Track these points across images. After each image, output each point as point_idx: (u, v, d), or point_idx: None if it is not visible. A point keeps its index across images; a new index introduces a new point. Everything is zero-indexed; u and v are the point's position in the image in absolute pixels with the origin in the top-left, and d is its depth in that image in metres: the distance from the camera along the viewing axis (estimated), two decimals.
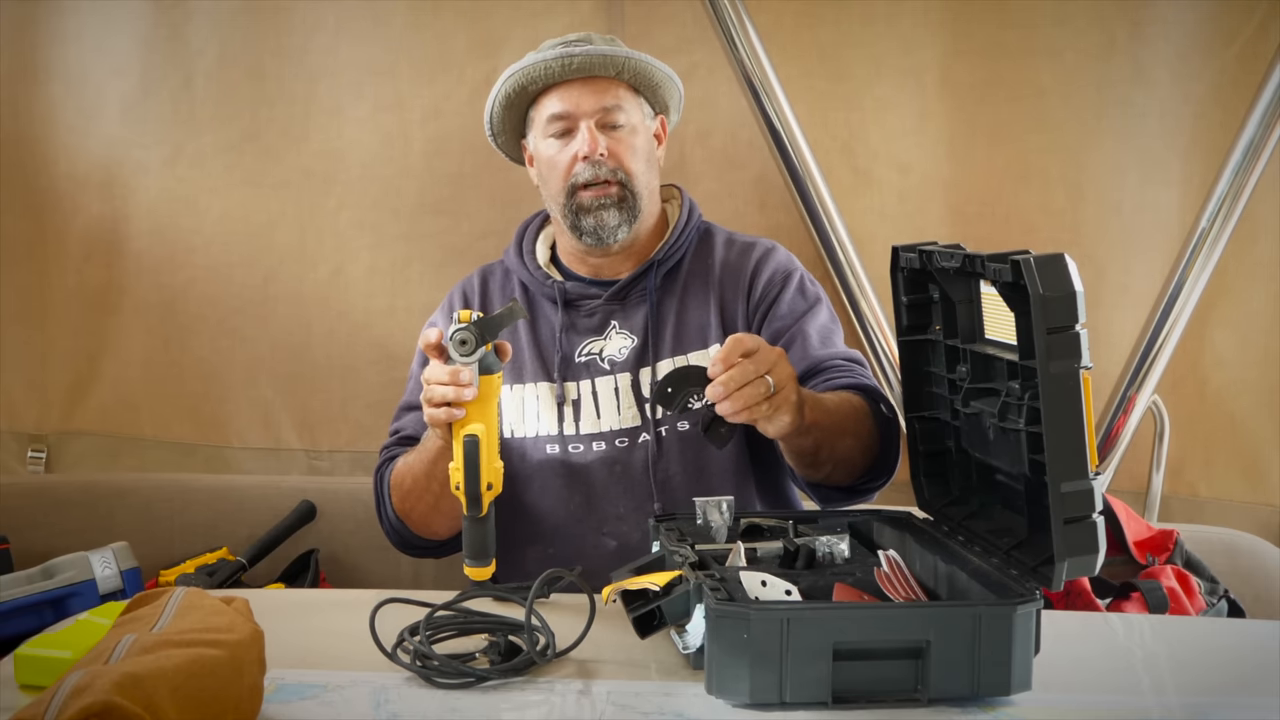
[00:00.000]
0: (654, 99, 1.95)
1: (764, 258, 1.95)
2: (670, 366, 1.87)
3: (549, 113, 1.89)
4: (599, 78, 1.88)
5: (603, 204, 1.86)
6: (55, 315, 2.45)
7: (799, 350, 1.84)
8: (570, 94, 1.87)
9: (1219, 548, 2.16)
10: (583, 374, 1.89)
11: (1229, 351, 2.35)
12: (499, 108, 1.94)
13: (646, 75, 1.90)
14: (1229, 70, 2.27)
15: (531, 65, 1.87)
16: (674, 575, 1.34)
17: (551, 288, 1.93)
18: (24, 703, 1.09)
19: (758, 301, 1.91)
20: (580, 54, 1.85)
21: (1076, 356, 1.22)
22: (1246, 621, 1.96)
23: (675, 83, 1.95)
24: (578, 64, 1.85)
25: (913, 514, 1.62)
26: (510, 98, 1.91)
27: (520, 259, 1.98)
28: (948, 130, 2.34)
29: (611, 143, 1.87)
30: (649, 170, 1.92)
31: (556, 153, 1.89)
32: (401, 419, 1.96)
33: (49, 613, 1.85)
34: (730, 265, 1.94)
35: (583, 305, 1.93)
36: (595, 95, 1.87)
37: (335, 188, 2.41)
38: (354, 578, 2.31)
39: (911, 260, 1.53)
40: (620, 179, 1.86)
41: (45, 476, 2.46)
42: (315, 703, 1.25)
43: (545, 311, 1.94)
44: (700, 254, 1.96)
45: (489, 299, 1.99)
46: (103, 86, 2.39)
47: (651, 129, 1.95)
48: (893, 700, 1.23)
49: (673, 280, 1.93)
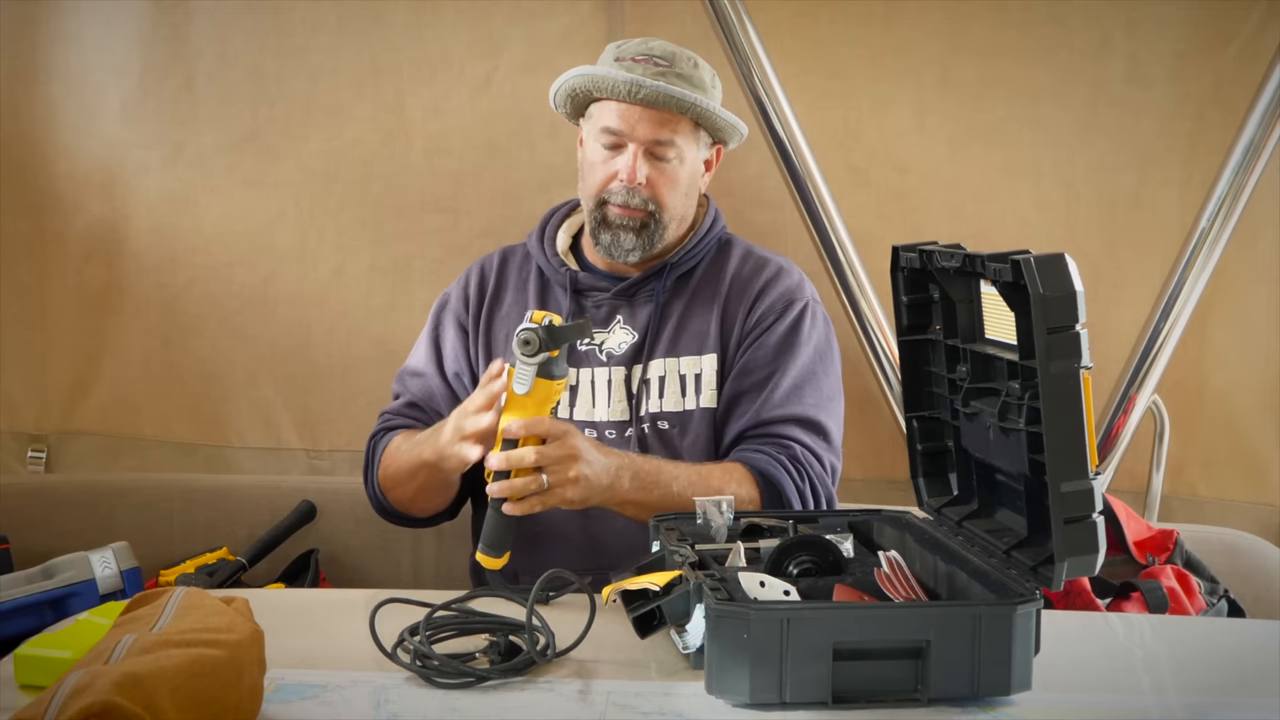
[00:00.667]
0: (714, 133, 1.94)
1: (773, 280, 1.94)
2: (662, 367, 1.89)
3: (603, 124, 1.88)
4: (663, 110, 1.85)
5: (625, 225, 1.87)
6: (55, 315, 2.45)
7: (755, 405, 1.84)
8: (630, 115, 1.85)
9: (1219, 548, 2.16)
10: (583, 362, 1.91)
11: (1229, 351, 2.35)
12: (563, 95, 1.94)
13: (710, 120, 1.89)
14: (1228, 70, 2.27)
15: (600, 79, 1.85)
16: (674, 575, 1.34)
17: (564, 275, 1.94)
18: (24, 703, 1.09)
19: (753, 325, 1.91)
20: (650, 88, 1.82)
21: (1077, 356, 1.22)
22: (1246, 621, 1.96)
23: (737, 129, 1.93)
24: (644, 96, 1.83)
25: (913, 514, 1.62)
26: (575, 92, 1.91)
27: (540, 244, 1.99)
28: (946, 129, 2.35)
29: (653, 173, 1.86)
30: (685, 202, 1.92)
31: (600, 161, 1.89)
32: (406, 382, 1.98)
33: (49, 613, 1.84)
34: (740, 280, 1.94)
35: (592, 296, 1.94)
36: (652, 126, 1.85)
37: (336, 187, 2.41)
38: (354, 578, 2.31)
39: (911, 260, 1.53)
40: (651, 209, 1.87)
41: (45, 476, 2.46)
42: (315, 703, 1.25)
43: (556, 298, 1.95)
44: (716, 263, 1.97)
45: (504, 280, 2.00)
46: (103, 86, 2.39)
47: (702, 157, 1.94)
48: (893, 700, 1.24)
49: (684, 285, 1.94)
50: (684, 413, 1.88)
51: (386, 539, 2.29)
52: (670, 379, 1.89)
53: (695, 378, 1.89)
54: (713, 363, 1.89)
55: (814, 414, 1.86)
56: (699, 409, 1.88)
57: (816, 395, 1.87)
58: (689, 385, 1.89)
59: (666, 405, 1.88)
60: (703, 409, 1.88)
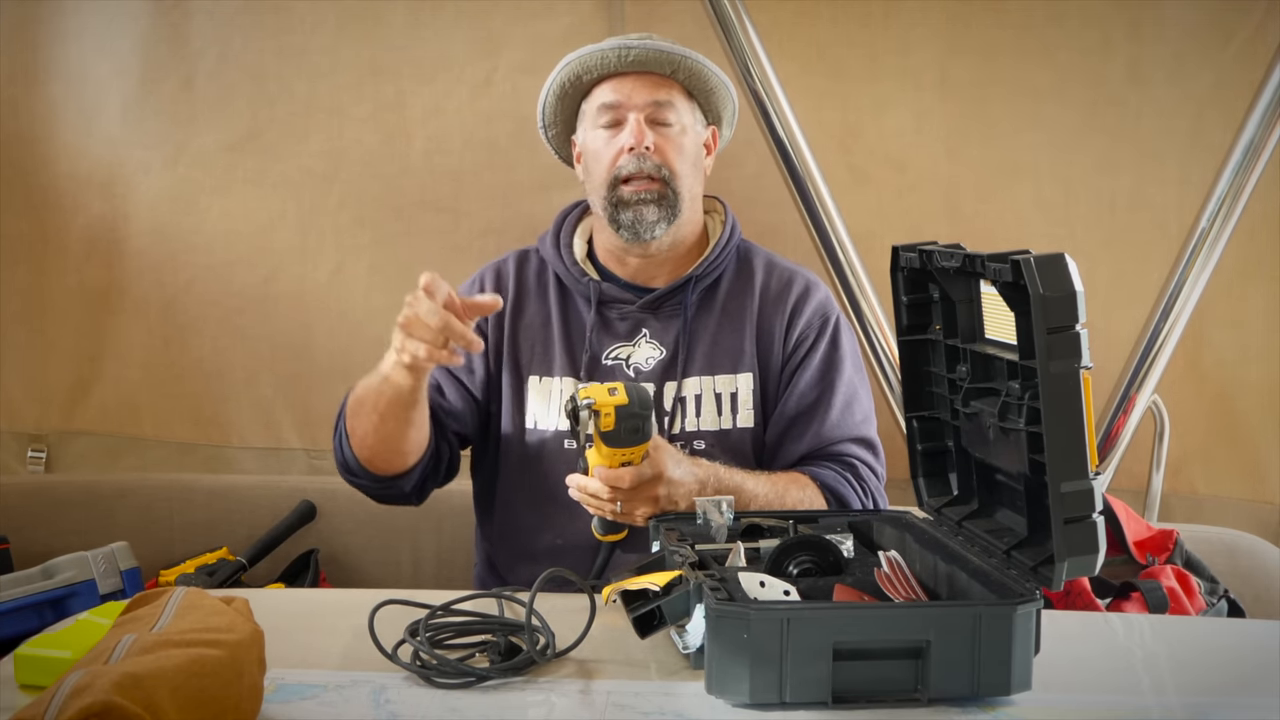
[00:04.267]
0: (707, 106, 1.95)
1: (805, 295, 1.94)
2: (698, 385, 1.88)
3: (600, 102, 1.88)
4: (654, 74, 1.88)
5: (643, 199, 1.85)
6: (55, 315, 2.45)
7: (815, 427, 1.87)
8: (624, 85, 1.87)
9: (1219, 547, 2.16)
10: (608, 377, 1.87)
11: (1229, 351, 2.35)
12: (553, 97, 1.93)
13: (701, 79, 1.90)
14: (1227, 70, 2.27)
15: (589, 54, 1.87)
16: (674, 575, 1.34)
17: (586, 286, 1.91)
18: (24, 703, 1.08)
19: (794, 346, 1.91)
20: (638, 47, 1.85)
21: (1077, 356, 1.22)
22: (1246, 621, 1.96)
23: (730, 90, 1.95)
24: (634, 56, 1.85)
25: (913, 514, 1.62)
26: (565, 87, 1.91)
27: (557, 252, 1.95)
28: (945, 128, 2.35)
29: (659, 139, 1.86)
30: (694, 174, 1.91)
31: (604, 144, 1.88)
32: None
33: (49, 613, 1.85)
34: (771, 296, 1.93)
35: (616, 308, 1.91)
36: (648, 89, 1.87)
37: (336, 187, 2.41)
38: (354, 578, 2.31)
39: (911, 260, 1.53)
40: (664, 176, 1.85)
41: (45, 476, 2.46)
42: (315, 703, 1.25)
43: (578, 308, 1.93)
44: (741, 275, 1.95)
45: (524, 287, 1.96)
46: (103, 86, 2.39)
47: (702, 137, 1.95)
48: (893, 700, 1.23)
49: (710, 299, 1.92)
50: (721, 432, 1.87)
51: (386, 539, 2.29)
52: (706, 397, 1.88)
53: (731, 396, 1.88)
54: (749, 381, 1.88)
55: (864, 431, 1.90)
56: (736, 428, 1.87)
57: (863, 410, 1.91)
58: (724, 404, 1.88)
59: (704, 424, 1.87)
60: (740, 429, 1.87)
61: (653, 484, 1.59)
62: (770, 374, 1.90)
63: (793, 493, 1.76)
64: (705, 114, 1.95)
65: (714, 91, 1.92)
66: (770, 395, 1.90)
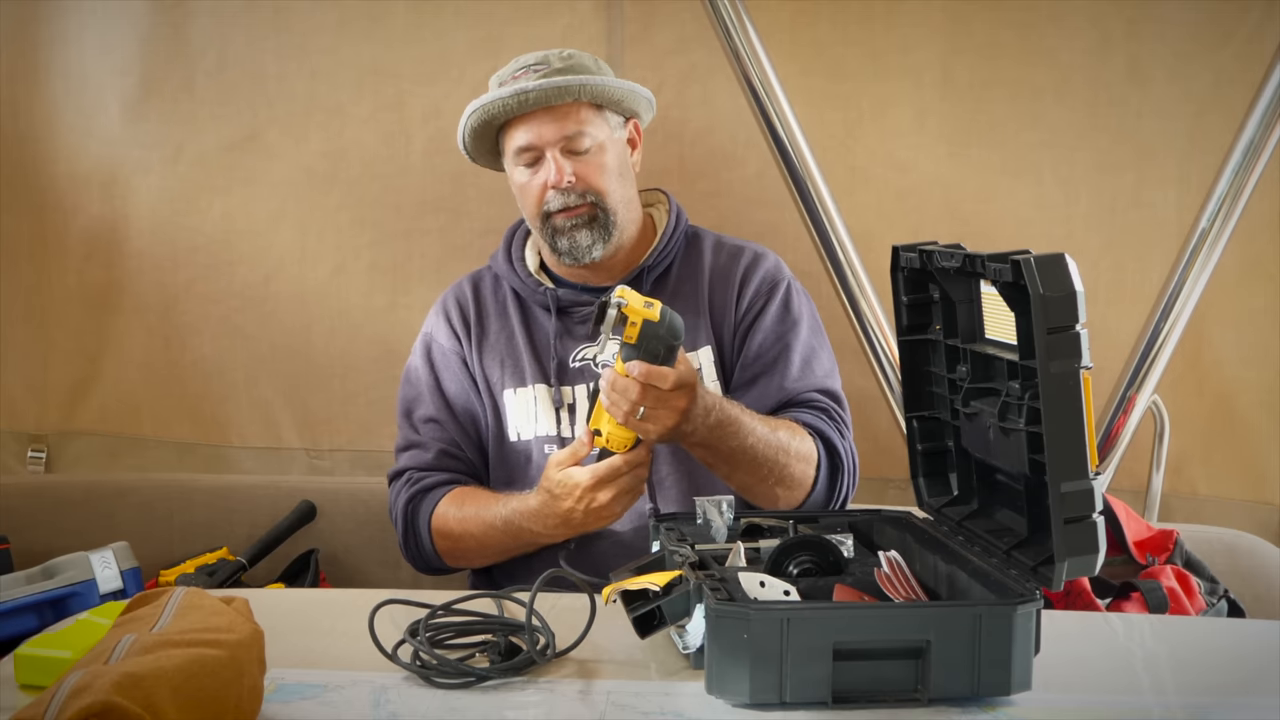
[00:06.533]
0: (620, 109, 1.95)
1: (752, 265, 1.96)
2: None
3: (515, 145, 1.90)
4: (559, 105, 1.87)
5: (575, 224, 1.88)
6: (55, 315, 2.45)
7: (777, 381, 1.89)
8: (533, 126, 1.87)
9: (1219, 548, 2.16)
10: (578, 379, 1.91)
11: (1229, 351, 2.35)
12: (470, 141, 1.95)
13: (605, 94, 1.90)
14: (1227, 70, 2.27)
15: (490, 103, 1.87)
16: (674, 575, 1.34)
17: (544, 295, 1.94)
18: (24, 703, 1.09)
19: (744, 311, 1.93)
20: (534, 89, 1.84)
21: (1077, 356, 1.22)
22: (1246, 621, 1.96)
23: (638, 94, 1.95)
24: (533, 99, 1.85)
25: (913, 514, 1.62)
26: (477, 131, 1.92)
27: (511, 267, 1.99)
28: (945, 129, 2.35)
29: (579, 166, 1.87)
30: (621, 183, 1.92)
31: (527, 180, 1.90)
32: (422, 431, 1.95)
33: (49, 613, 1.84)
34: (719, 270, 1.96)
35: (575, 312, 1.94)
36: (556, 124, 1.87)
37: (336, 186, 2.41)
38: (354, 578, 2.31)
39: (912, 260, 1.53)
40: (591, 200, 1.88)
41: (45, 476, 2.46)
42: (315, 703, 1.25)
43: (539, 317, 1.96)
44: (689, 258, 1.98)
45: (483, 307, 2.00)
46: (103, 86, 2.39)
47: (623, 137, 1.96)
48: (893, 700, 1.24)
49: (662, 285, 1.95)
50: None
51: (386, 539, 2.28)
52: None
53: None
54: (709, 354, 1.91)
55: (828, 384, 1.93)
56: None
57: (824, 368, 1.94)
58: None
59: None
60: None
61: (685, 393, 1.61)
62: (725, 343, 1.93)
63: (782, 432, 1.78)
64: (620, 113, 1.95)
65: (621, 100, 1.93)
66: (729, 364, 1.93)
